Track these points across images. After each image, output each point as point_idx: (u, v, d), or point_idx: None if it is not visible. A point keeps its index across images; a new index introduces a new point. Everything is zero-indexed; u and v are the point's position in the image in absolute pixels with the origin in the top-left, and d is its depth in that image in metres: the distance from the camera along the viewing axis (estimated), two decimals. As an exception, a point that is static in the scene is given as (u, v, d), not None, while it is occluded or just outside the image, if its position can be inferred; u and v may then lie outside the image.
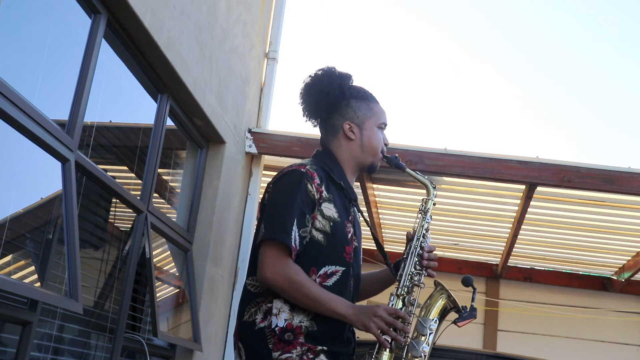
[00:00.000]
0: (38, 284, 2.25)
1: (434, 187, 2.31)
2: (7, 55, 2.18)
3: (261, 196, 4.62)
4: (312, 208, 2.09)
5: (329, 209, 2.12)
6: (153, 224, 3.14)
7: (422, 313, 2.14)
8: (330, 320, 2.05)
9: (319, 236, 2.10)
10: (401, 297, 2.13)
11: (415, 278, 2.16)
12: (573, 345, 6.46)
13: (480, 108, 11.83)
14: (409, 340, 2.05)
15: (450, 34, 12.07)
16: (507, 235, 5.51)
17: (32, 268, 2.32)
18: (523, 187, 4.35)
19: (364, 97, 2.34)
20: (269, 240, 2.05)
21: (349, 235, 2.17)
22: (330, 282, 2.10)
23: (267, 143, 4.23)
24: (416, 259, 2.19)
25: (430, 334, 2.10)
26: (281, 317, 2.04)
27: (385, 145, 2.34)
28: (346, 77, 2.33)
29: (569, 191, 4.43)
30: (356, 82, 2.38)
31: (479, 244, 6.08)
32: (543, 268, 6.64)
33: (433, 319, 2.12)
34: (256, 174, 4.34)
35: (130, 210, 3.01)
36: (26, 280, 2.27)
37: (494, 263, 6.60)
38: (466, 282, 2.22)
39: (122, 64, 2.88)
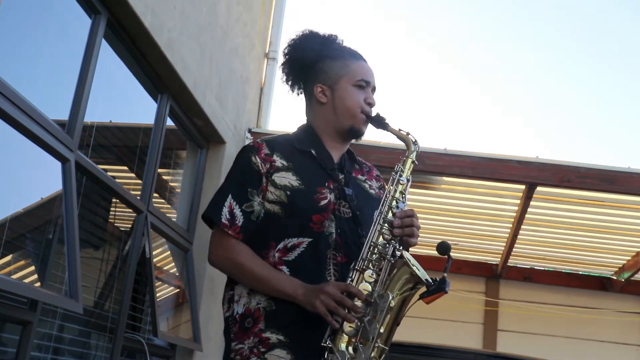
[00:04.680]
0: (38, 284, 2.26)
1: (415, 143, 2.03)
2: (8, 55, 2.18)
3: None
4: (258, 181, 1.94)
5: (284, 178, 1.95)
6: (153, 224, 3.14)
7: (382, 289, 1.83)
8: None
9: (274, 208, 1.93)
10: (361, 272, 1.86)
11: (380, 249, 1.87)
12: (573, 345, 6.45)
13: (480, 108, 11.84)
14: (364, 320, 1.78)
15: (450, 33, 12.08)
16: (507, 235, 5.52)
17: (32, 268, 2.32)
18: (523, 187, 4.36)
19: (340, 55, 2.08)
20: (213, 224, 1.97)
21: (322, 203, 1.94)
22: (292, 256, 1.91)
23: (267, 143, 4.23)
24: (382, 228, 1.90)
25: (381, 312, 1.79)
26: (241, 302, 1.92)
27: (370, 105, 2.06)
28: (327, 40, 2.10)
29: (568, 191, 4.44)
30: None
31: (479, 244, 6.08)
32: (543, 268, 6.64)
33: (390, 296, 1.80)
34: (256, 174, 4.34)
35: (130, 210, 3.01)
36: (26, 280, 2.27)
37: (494, 263, 6.60)
38: (441, 249, 1.87)
39: (122, 64, 2.88)
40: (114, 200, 2.95)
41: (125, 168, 3.18)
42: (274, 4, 4.67)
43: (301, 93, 2.16)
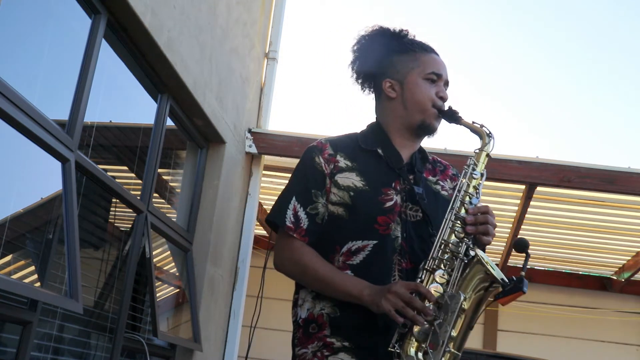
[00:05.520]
0: (38, 284, 2.26)
1: (489, 135, 1.92)
2: (7, 55, 2.18)
3: (261, 196, 4.57)
4: (321, 182, 1.89)
5: (347, 179, 1.88)
6: (153, 224, 3.14)
7: (454, 290, 1.71)
8: (355, 305, 1.77)
9: (338, 210, 1.87)
10: (431, 272, 1.75)
11: (453, 247, 1.77)
12: (573, 345, 6.46)
13: (480, 108, 11.84)
14: (434, 323, 1.67)
15: (449, 33, 12.08)
16: (507, 235, 5.51)
17: (32, 268, 2.32)
18: (523, 187, 4.35)
19: (410, 48, 2.00)
20: (278, 228, 1.90)
21: (388, 204, 1.86)
22: (357, 259, 1.83)
23: (267, 143, 4.23)
24: (454, 225, 1.80)
25: (452, 314, 1.65)
26: (304, 307, 1.86)
27: (442, 99, 1.96)
28: (396, 34, 2.03)
29: (568, 191, 4.43)
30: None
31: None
32: (543, 268, 6.64)
33: (462, 296, 1.67)
34: (256, 174, 4.34)
35: (130, 210, 3.01)
36: (26, 280, 2.27)
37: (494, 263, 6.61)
38: (519, 246, 1.75)
39: (122, 64, 2.88)
40: (114, 200, 2.95)
41: (125, 168, 3.18)
42: (274, 4, 4.67)
43: (372, 92, 2.08)
